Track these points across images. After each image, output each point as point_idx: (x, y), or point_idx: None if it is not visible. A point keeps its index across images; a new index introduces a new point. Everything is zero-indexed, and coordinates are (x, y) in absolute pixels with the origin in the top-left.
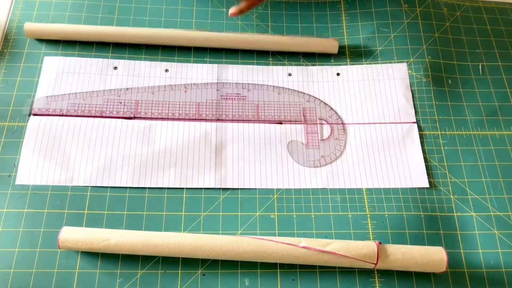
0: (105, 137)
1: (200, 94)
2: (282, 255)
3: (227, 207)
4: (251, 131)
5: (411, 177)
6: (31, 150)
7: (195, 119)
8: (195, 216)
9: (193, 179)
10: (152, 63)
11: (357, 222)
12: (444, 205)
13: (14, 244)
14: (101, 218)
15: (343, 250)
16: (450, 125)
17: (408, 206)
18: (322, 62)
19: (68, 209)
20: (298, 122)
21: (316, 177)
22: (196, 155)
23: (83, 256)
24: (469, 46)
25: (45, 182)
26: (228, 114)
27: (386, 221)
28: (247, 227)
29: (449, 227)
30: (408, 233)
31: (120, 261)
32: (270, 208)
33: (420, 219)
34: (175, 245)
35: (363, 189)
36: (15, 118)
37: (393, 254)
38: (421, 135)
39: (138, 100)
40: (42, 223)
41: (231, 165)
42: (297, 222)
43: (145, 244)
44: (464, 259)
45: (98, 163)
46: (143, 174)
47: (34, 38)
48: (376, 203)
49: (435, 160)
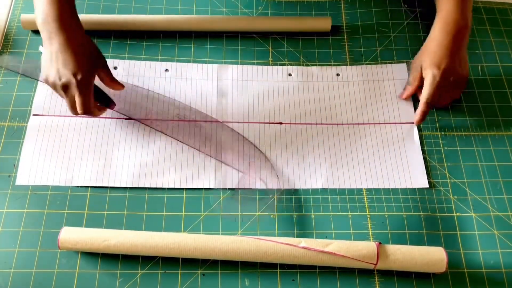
0: (105, 137)
1: (200, 94)
2: (282, 255)
3: (227, 207)
4: (251, 131)
5: (411, 177)
6: (31, 150)
7: (195, 120)
8: (195, 216)
9: (193, 179)
10: (152, 63)
11: (357, 222)
12: (444, 205)
13: (14, 244)
14: (101, 218)
15: (343, 251)
16: (449, 125)
17: (408, 207)
18: (322, 62)
19: (68, 209)
20: (298, 122)
21: (316, 177)
22: (196, 155)
23: (83, 256)
24: (469, 47)
25: (45, 182)
26: (228, 114)
27: (386, 221)
28: (247, 227)
29: (448, 227)
30: (408, 233)
31: (120, 261)
32: (270, 208)
33: (420, 220)
34: (175, 246)
35: (363, 190)
36: (15, 118)
37: (393, 255)
38: (420, 135)
39: (138, 100)
40: (42, 223)
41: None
42: (297, 222)
43: (145, 244)
44: (464, 259)
45: (98, 163)
46: (143, 174)
47: (31, 29)
48: (376, 203)
49: (435, 160)
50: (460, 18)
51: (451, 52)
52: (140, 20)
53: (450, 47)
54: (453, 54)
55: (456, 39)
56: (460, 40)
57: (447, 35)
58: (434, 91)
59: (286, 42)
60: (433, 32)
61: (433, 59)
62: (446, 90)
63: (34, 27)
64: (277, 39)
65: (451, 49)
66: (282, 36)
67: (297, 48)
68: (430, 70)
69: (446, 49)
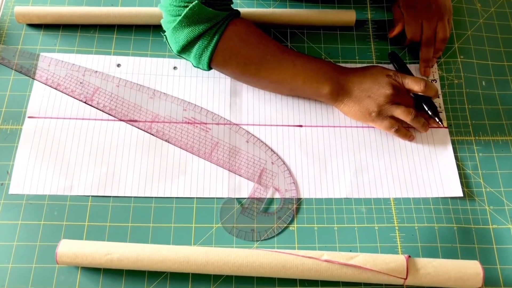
0: (108, 141)
1: (211, 93)
2: (303, 270)
3: (241, 218)
4: (268, 135)
5: (443, 186)
6: (26, 156)
7: (205, 123)
8: (206, 228)
9: (204, 188)
10: (159, 60)
11: (384, 234)
12: (479, 216)
13: (7, 259)
14: (103, 230)
15: (369, 264)
16: (484, 130)
17: (439, 218)
18: (345, 59)
19: (67, 221)
20: (319, 125)
21: (339, 186)
22: (208, 162)
23: (84, 272)
24: (505, 45)
25: (42, 191)
26: (243, 116)
27: (416, 233)
28: (264, 240)
29: (484, 241)
30: (440, 246)
31: (124, 277)
32: (289, 219)
33: (453, 232)
34: (185, 260)
35: (390, 199)
36: (8, 121)
37: (423, 268)
38: (453, 140)
39: (141, 102)
40: (38, 236)
41: (245, 172)
42: (319, 234)
43: (151, 258)
44: (501, 276)
45: (100, 170)
46: (149, 182)
47: (26, 23)
48: (404, 214)
49: (469, 167)
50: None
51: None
52: (146, 13)
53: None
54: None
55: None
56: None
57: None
58: (415, 22)
59: (307, 37)
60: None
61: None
62: (426, 18)
63: (29, 20)
64: (297, 33)
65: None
66: (302, 30)
67: (319, 44)
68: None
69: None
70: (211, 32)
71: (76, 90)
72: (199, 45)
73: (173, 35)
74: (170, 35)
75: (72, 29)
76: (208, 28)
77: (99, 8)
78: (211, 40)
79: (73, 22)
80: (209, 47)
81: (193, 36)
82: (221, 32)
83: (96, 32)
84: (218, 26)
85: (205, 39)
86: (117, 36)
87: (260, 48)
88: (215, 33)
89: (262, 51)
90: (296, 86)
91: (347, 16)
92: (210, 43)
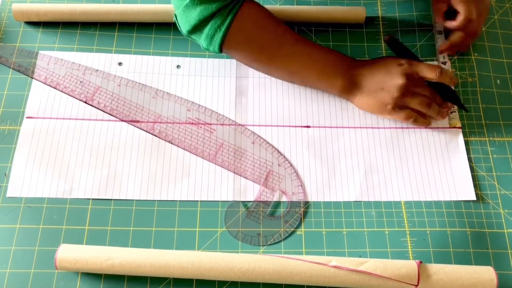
0: (109, 142)
1: (216, 93)
2: (310, 275)
3: (246, 222)
4: (274, 135)
5: (456, 188)
6: (24, 158)
7: (210, 123)
8: (211, 232)
9: (209, 191)
10: (161, 58)
11: (395, 239)
12: (493, 220)
13: (5, 264)
14: (104, 234)
15: (379, 270)
16: (499, 130)
17: (452, 222)
18: (355, 57)
19: (67, 225)
20: (328, 126)
21: (348, 189)
22: (212, 164)
23: (84, 277)
24: None
25: (41, 194)
26: (249, 117)
27: (428, 238)
28: (270, 245)
29: (499, 246)
30: (452, 251)
31: (125, 283)
32: (296, 223)
33: (466, 236)
34: (189, 265)
35: (401, 202)
36: (6, 121)
37: (436, 274)
38: (466, 141)
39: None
40: (37, 240)
41: (251, 174)
42: (327, 239)
43: (154, 264)
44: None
45: (100, 172)
46: (151, 185)
47: (24, 21)
48: (416, 218)
49: (483, 169)
50: None
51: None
52: (148, 10)
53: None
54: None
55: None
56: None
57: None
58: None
59: (315, 35)
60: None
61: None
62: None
63: (27, 18)
64: (305, 31)
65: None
66: (310, 28)
67: (327, 41)
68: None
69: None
70: (225, 11)
71: (76, 89)
72: (212, 24)
73: (184, 13)
74: (181, 13)
75: (72, 26)
76: (222, 6)
77: (99, 5)
78: (224, 19)
79: (73, 19)
80: (222, 26)
81: (206, 15)
82: (235, 11)
83: (96, 30)
84: (232, 5)
85: (218, 19)
86: (118, 34)
87: (276, 34)
88: (229, 12)
89: (277, 39)
90: (309, 78)
91: (357, 13)
92: (223, 22)
